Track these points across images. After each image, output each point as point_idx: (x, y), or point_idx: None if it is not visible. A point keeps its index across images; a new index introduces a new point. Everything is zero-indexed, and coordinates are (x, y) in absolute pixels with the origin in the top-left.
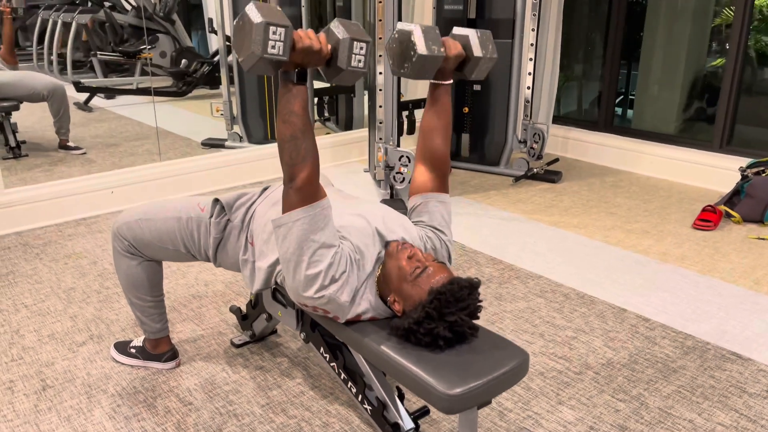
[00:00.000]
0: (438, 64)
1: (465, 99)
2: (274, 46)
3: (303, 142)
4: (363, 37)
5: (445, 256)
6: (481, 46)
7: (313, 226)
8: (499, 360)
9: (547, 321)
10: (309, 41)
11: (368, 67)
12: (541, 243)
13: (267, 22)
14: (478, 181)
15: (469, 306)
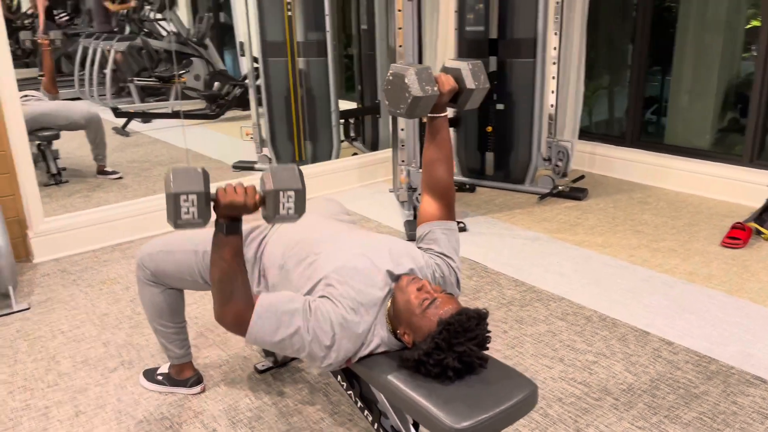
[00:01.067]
0: (432, 103)
1: (489, 118)
2: (187, 211)
3: (229, 285)
4: (292, 186)
5: (454, 282)
6: (473, 78)
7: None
8: (507, 392)
9: (567, 345)
10: (232, 196)
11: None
12: (565, 263)
13: (176, 193)
14: (503, 200)
15: (477, 336)
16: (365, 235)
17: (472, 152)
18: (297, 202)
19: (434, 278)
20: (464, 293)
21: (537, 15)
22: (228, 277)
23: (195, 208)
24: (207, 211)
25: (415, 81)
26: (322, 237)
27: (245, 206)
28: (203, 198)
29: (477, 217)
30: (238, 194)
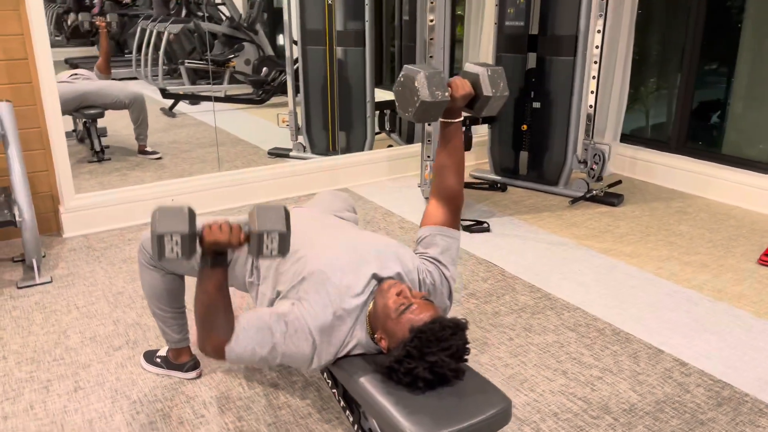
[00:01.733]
0: (442, 108)
1: (524, 116)
2: (171, 250)
3: (211, 318)
4: (276, 227)
5: (445, 293)
6: (491, 85)
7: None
8: (478, 407)
9: (573, 357)
10: (217, 234)
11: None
12: (586, 272)
13: (160, 234)
14: (533, 201)
15: (451, 347)
16: (357, 235)
17: (506, 150)
18: (281, 244)
19: (423, 284)
20: (476, 296)
21: (580, 11)
22: (210, 310)
23: (179, 248)
24: (191, 248)
25: (425, 85)
26: (315, 234)
27: (229, 244)
28: (186, 239)
29: (503, 218)
30: (223, 233)
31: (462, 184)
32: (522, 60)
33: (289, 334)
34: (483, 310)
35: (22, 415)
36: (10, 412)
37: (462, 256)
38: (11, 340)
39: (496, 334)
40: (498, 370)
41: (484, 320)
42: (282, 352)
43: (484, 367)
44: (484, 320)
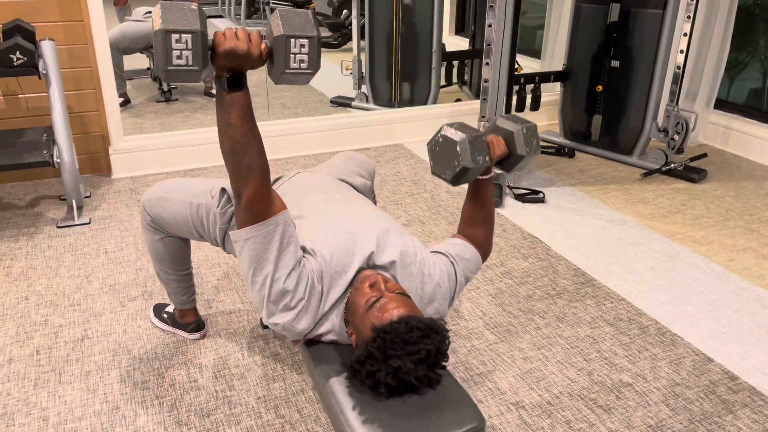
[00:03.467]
0: (480, 172)
1: (601, 76)
2: (180, 56)
3: (244, 157)
4: (304, 33)
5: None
6: (525, 144)
7: (264, 245)
8: (444, 423)
9: (605, 357)
10: (232, 43)
11: (317, 65)
12: (643, 257)
13: (166, 30)
14: (602, 171)
15: (419, 351)
16: (362, 209)
17: (579, 113)
18: (311, 54)
19: (424, 277)
20: (512, 275)
21: None
22: (242, 146)
23: (190, 52)
24: (205, 57)
25: (468, 150)
26: (315, 201)
27: (248, 55)
28: (199, 39)
29: (563, 188)
30: (241, 40)
31: (490, 236)
32: (603, 12)
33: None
34: (515, 292)
35: (26, 360)
36: (16, 355)
37: (506, 228)
38: (37, 281)
39: (523, 321)
40: (515, 363)
41: (513, 304)
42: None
43: (500, 358)
44: (514, 304)
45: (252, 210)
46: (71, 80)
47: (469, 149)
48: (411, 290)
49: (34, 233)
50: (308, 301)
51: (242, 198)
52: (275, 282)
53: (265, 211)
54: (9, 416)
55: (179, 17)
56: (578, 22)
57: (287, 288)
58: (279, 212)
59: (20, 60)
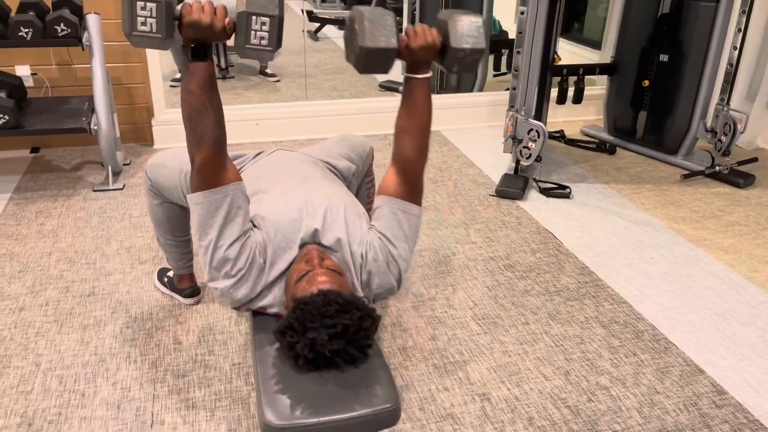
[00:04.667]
0: (389, 58)
1: (648, 70)
2: (144, 22)
3: (199, 124)
4: (266, 11)
5: (393, 272)
6: (461, 35)
7: (211, 212)
8: (357, 400)
9: (588, 358)
10: (197, 15)
11: (277, 44)
12: (659, 262)
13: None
14: (641, 170)
15: (336, 326)
16: (320, 188)
17: (624, 108)
18: (272, 32)
19: (364, 259)
20: (514, 269)
21: None
22: (198, 113)
23: (153, 20)
24: (168, 25)
25: (367, 28)
26: (280, 178)
27: (211, 28)
28: (163, 7)
29: (594, 185)
30: (206, 13)
31: (420, 153)
32: (655, 2)
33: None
34: (513, 286)
35: (35, 310)
36: (27, 305)
37: (522, 221)
38: (63, 239)
39: (513, 315)
40: (492, 355)
41: (507, 297)
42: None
43: (478, 349)
44: (508, 297)
45: (203, 176)
46: (120, 54)
47: (369, 27)
48: (354, 267)
49: (72, 195)
50: (248, 271)
51: (195, 163)
52: (218, 249)
53: (215, 178)
54: (7, 359)
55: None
56: (629, 12)
57: (228, 256)
58: (230, 183)
59: (64, 31)
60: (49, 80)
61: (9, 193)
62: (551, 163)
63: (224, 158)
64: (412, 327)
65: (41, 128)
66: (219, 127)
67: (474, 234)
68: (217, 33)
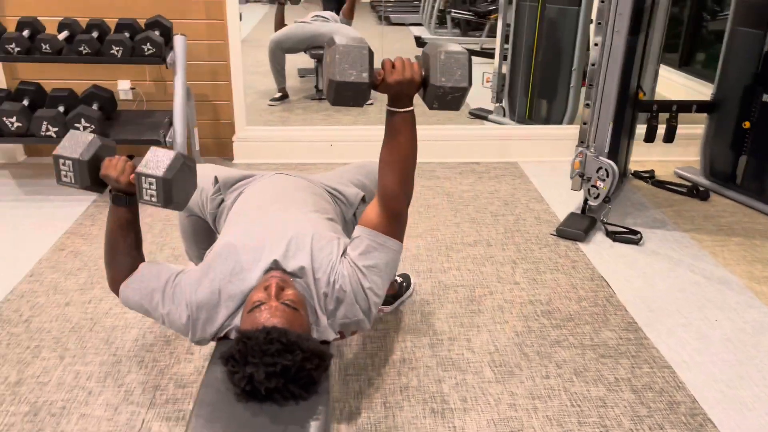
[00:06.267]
0: (362, 92)
1: (750, 111)
2: (65, 175)
3: (108, 253)
4: (153, 173)
5: (361, 305)
6: (441, 72)
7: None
8: None
9: (603, 425)
10: (108, 169)
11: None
12: (724, 325)
13: (56, 155)
14: (733, 220)
15: (275, 365)
16: (291, 216)
17: (722, 150)
18: (159, 192)
19: (332, 287)
20: (551, 316)
21: None
22: (109, 245)
23: (72, 173)
24: (83, 177)
25: (338, 61)
26: (261, 205)
27: (117, 181)
28: (77, 164)
29: (673, 233)
30: (114, 168)
31: (402, 187)
32: (760, 38)
33: (169, 299)
34: (544, 334)
35: (78, 307)
36: (74, 300)
37: (577, 265)
38: None
39: (534, 366)
40: (497, 407)
41: (534, 346)
42: (162, 314)
43: (484, 398)
44: (535, 346)
45: (113, 287)
46: (209, 72)
47: (338, 60)
48: (317, 294)
49: None
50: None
51: (107, 280)
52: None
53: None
54: (38, 350)
55: (73, 145)
56: (732, 48)
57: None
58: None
59: (150, 50)
60: (145, 95)
61: (95, 195)
62: (629, 205)
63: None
64: (422, 366)
65: (123, 138)
66: (128, 257)
67: (520, 274)
68: (121, 186)
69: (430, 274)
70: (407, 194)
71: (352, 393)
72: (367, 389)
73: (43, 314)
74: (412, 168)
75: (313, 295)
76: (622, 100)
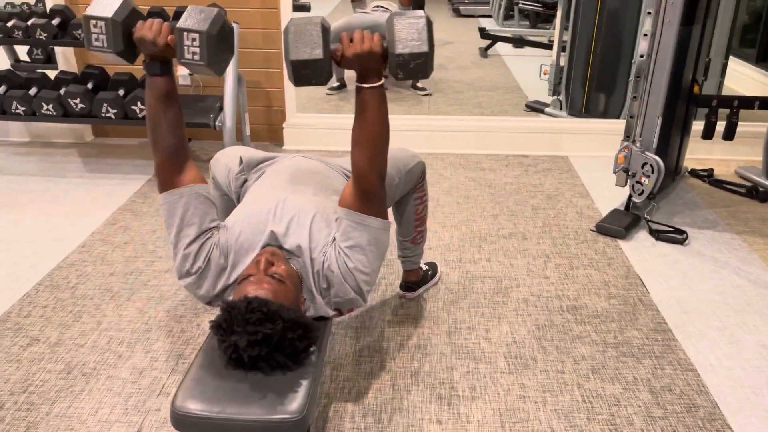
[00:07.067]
0: (320, 69)
1: None
2: (98, 38)
3: (153, 131)
4: (196, 27)
5: (350, 284)
6: (399, 40)
7: (170, 212)
8: (260, 405)
9: (613, 423)
10: (144, 31)
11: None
12: (762, 331)
13: (87, 15)
14: None
15: (257, 333)
16: (299, 196)
17: None
18: (203, 48)
19: (321, 266)
20: (578, 312)
21: None
22: (151, 122)
23: (104, 36)
24: (116, 39)
25: (291, 41)
26: (276, 184)
27: (153, 43)
28: (110, 25)
29: (722, 234)
30: (151, 30)
31: (372, 164)
32: None
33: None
34: (567, 329)
35: (121, 278)
36: (118, 271)
37: (613, 262)
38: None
39: (551, 360)
40: (506, 398)
41: (554, 340)
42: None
43: (493, 388)
44: (555, 341)
45: (159, 177)
46: (263, 60)
47: (292, 39)
48: (312, 273)
49: None
50: (205, 270)
51: (154, 165)
52: (177, 247)
53: (169, 181)
54: (79, 315)
55: (103, 5)
56: None
57: (187, 255)
58: (185, 185)
59: None
60: (202, 81)
61: (149, 175)
62: (680, 204)
63: (179, 163)
64: (437, 353)
65: None
66: (172, 136)
67: (551, 269)
68: (161, 48)
69: (458, 264)
70: (378, 171)
71: (363, 374)
72: (379, 371)
73: (89, 282)
74: (382, 145)
75: (309, 273)
76: (673, 94)
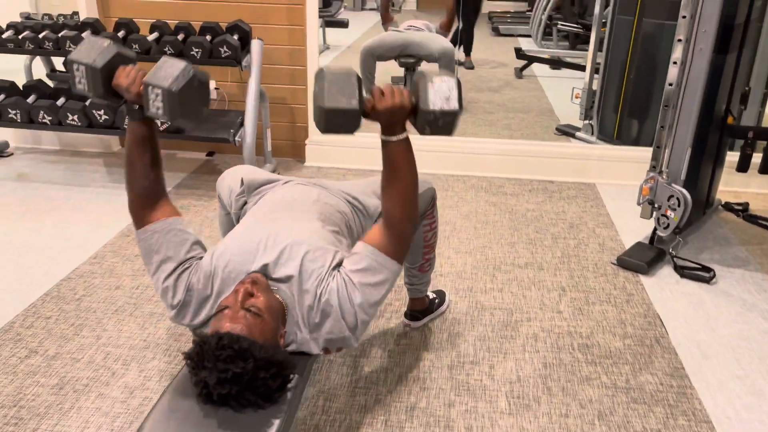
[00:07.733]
0: (352, 119)
1: None
2: (80, 81)
3: (127, 171)
4: (159, 84)
5: (348, 320)
6: (433, 97)
7: (146, 250)
8: None
9: None
10: (120, 78)
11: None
12: None
13: (70, 59)
14: None
15: (227, 371)
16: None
17: None
18: (165, 105)
19: (319, 299)
20: (588, 352)
21: None
22: (127, 161)
23: (85, 80)
24: (96, 85)
25: (327, 89)
26: (272, 210)
27: (127, 91)
28: (90, 72)
29: (754, 274)
30: (128, 77)
31: (406, 211)
32: None
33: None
34: (576, 370)
35: (127, 291)
36: (124, 285)
37: (632, 299)
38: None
39: (556, 402)
40: None
41: (561, 381)
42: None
43: (491, 430)
44: (562, 381)
45: (132, 213)
46: (288, 76)
47: (327, 87)
48: (300, 306)
49: (214, 197)
50: (186, 301)
51: (128, 201)
52: (158, 282)
53: (141, 217)
54: (80, 328)
55: (89, 51)
56: None
57: (167, 287)
58: (158, 221)
59: (226, 53)
60: (228, 95)
61: (170, 187)
62: (710, 239)
63: (151, 202)
64: (435, 387)
65: (195, 135)
66: (145, 179)
67: (565, 303)
68: (131, 96)
69: (469, 293)
70: (411, 218)
71: (357, 406)
72: (373, 405)
73: (94, 295)
74: (413, 193)
75: (296, 305)
76: (705, 125)
